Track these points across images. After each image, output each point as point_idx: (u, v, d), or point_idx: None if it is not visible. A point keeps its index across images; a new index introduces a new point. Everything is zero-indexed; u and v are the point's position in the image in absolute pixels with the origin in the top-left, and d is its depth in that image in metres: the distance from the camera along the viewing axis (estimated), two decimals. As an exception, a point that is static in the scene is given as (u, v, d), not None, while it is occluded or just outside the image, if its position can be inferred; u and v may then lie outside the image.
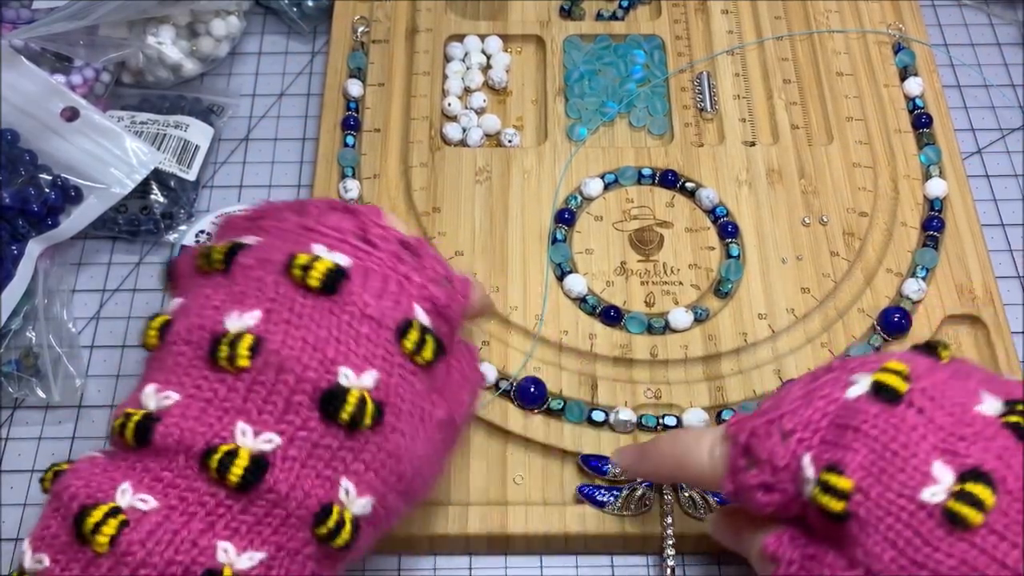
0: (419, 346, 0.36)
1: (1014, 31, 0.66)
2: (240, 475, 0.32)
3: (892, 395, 0.34)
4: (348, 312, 0.35)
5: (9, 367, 0.51)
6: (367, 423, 0.34)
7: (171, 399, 0.34)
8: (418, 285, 0.37)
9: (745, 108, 0.59)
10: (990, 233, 0.57)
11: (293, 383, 0.34)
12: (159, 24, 0.60)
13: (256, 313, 0.35)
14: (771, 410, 0.36)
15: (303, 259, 0.35)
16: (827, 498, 0.33)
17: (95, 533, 0.32)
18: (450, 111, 0.59)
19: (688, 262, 0.53)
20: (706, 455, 0.38)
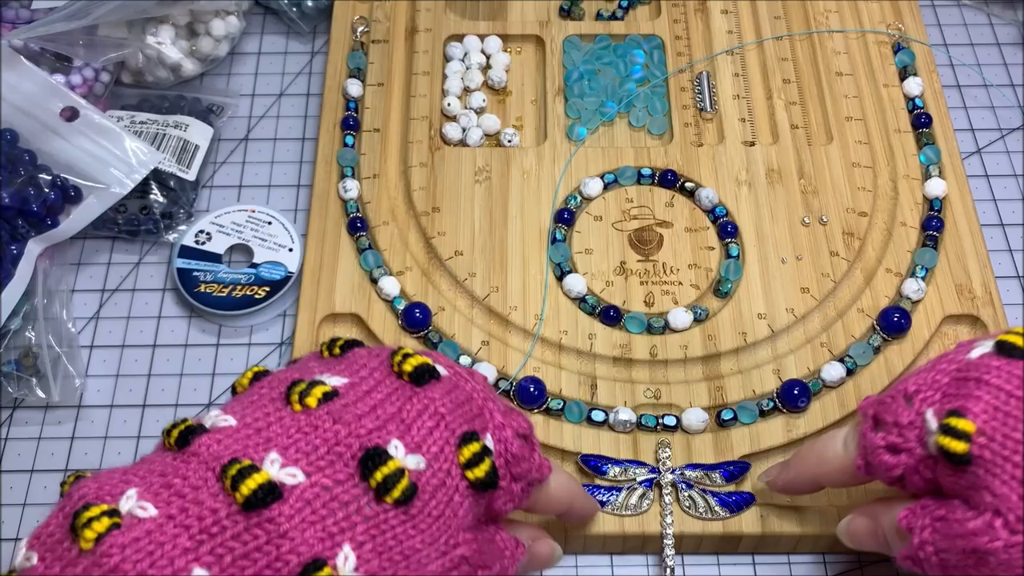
0: (475, 460, 0.36)
1: (1014, 31, 0.66)
2: (250, 491, 0.32)
3: (1016, 351, 0.35)
4: (422, 403, 0.36)
5: (9, 367, 0.51)
6: (395, 495, 0.33)
7: (227, 422, 0.35)
8: (498, 423, 0.37)
9: (745, 108, 0.59)
10: (990, 233, 0.57)
11: (344, 435, 0.34)
12: (159, 24, 0.60)
13: (343, 379, 0.36)
14: (896, 384, 0.38)
15: (408, 350, 0.37)
16: (949, 439, 0.34)
17: (84, 528, 0.31)
18: (450, 111, 0.59)
19: (688, 262, 0.53)
20: (840, 446, 0.40)
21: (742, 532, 0.45)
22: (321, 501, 0.33)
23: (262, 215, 0.57)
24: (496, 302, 0.52)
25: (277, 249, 0.56)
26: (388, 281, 0.52)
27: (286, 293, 0.55)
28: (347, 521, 0.33)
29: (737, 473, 0.47)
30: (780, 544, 0.47)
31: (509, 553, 0.38)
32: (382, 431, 0.34)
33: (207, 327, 0.55)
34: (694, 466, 0.47)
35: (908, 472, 0.37)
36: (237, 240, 0.56)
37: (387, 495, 0.33)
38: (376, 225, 0.55)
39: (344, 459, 0.33)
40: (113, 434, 0.51)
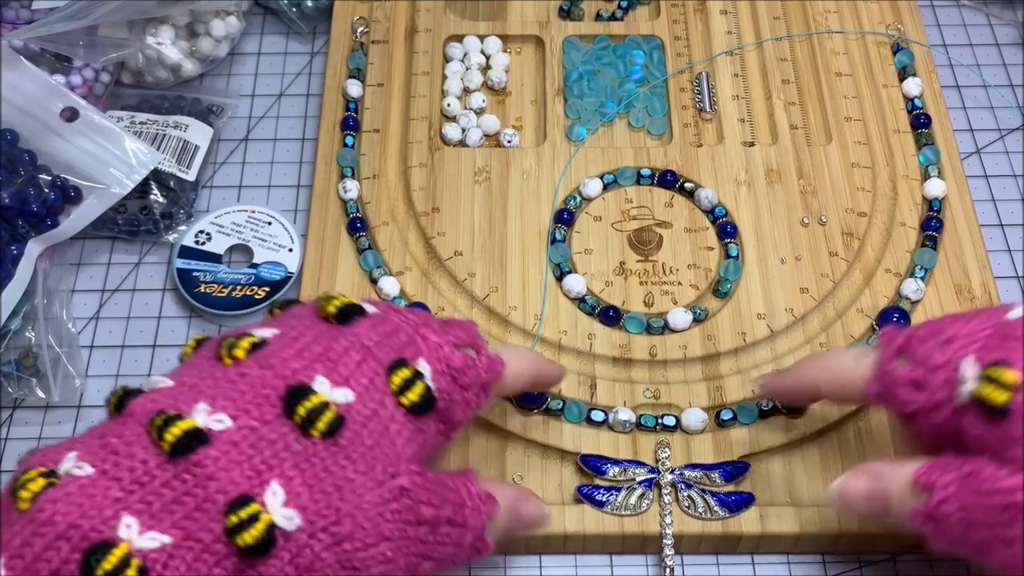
0: (406, 386, 0.36)
1: (1013, 31, 0.66)
2: (174, 438, 0.33)
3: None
4: (348, 339, 0.36)
5: (9, 367, 0.51)
6: (320, 428, 0.34)
7: (164, 383, 0.36)
8: (433, 344, 0.38)
9: (744, 108, 0.59)
10: (989, 233, 0.57)
11: (270, 377, 0.35)
12: (159, 24, 0.60)
13: (274, 331, 0.37)
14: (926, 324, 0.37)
15: (335, 294, 0.39)
16: (991, 388, 0.34)
17: (21, 489, 0.32)
18: (449, 111, 0.59)
19: (687, 262, 0.53)
20: (851, 360, 0.40)
21: (742, 532, 0.45)
22: (248, 442, 0.33)
23: (262, 215, 0.57)
24: (496, 302, 0.52)
25: (277, 249, 0.56)
26: (388, 281, 0.52)
27: (286, 293, 0.55)
28: (275, 458, 0.33)
29: (737, 473, 0.47)
30: (780, 544, 0.47)
31: (472, 504, 0.38)
32: (307, 370, 0.35)
33: (207, 327, 0.55)
34: (693, 466, 0.47)
35: (923, 411, 0.36)
36: (237, 240, 0.56)
37: (312, 428, 0.34)
38: (376, 225, 0.55)
39: (271, 400, 0.34)
40: (113, 434, 0.51)
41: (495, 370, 0.40)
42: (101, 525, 0.31)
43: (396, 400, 0.36)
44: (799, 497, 0.47)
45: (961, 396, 0.35)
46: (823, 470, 0.47)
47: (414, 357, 0.37)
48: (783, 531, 0.46)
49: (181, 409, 0.34)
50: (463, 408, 0.39)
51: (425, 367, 0.37)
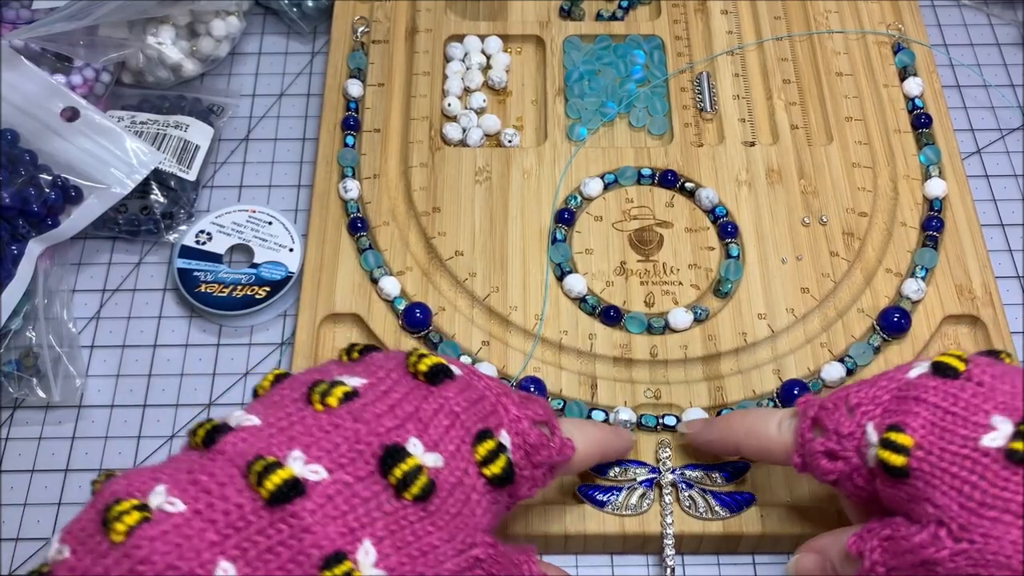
0: (490, 457, 0.36)
1: (1013, 31, 0.66)
2: (274, 487, 0.32)
3: (951, 372, 0.37)
4: (438, 401, 0.37)
5: (9, 367, 0.51)
6: (414, 492, 0.34)
7: (251, 421, 0.35)
8: (513, 417, 0.38)
9: (745, 108, 0.59)
10: (989, 233, 0.57)
11: (364, 433, 0.35)
12: (159, 24, 0.60)
13: (362, 380, 0.37)
14: (837, 392, 0.39)
15: (423, 351, 0.39)
16: (888, 453, 0.35)
17: (116, 521, 0.32)
18: (450, 111, 0.59)
19: (688, 262, 0.53)
20: (774, 428, 0.41)
21: (742, 532, 0.45)
22: (343, 497, 0.33)
23: (262, 215, 0.57)
24: (496, 302, 0.52)
25: (277, 249, 0.56)
26: (388, 281, 0.52)
27: (286, 293, 0.55)
28: (367, 516, 0.33)
29: (737, 473, 0.47)
30: (780, 544, 0.47)
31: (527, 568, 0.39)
32: (400, 429, 0.35)
33: (207, 327, 0.55)
34: (694, 466, 0.47)
35: (842, 478, 0.38)
36: (237, 240, 0.56)
37: (406, 491, 0.34)
38: (376, 225, 0.55)
39: (364, 456, 0.34)
40: (113, 434, 0.51)
41: (566, 454, 0.40)
42: (199, 568, 0.31)
43: (479, 470, 0.36)
44: (799, 497, 0.47)
45: (869, 461, 0.37)
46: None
47: (497, 428, 0.38)
48: (784, 531, 0.46)
49: (276, 455, 0.34)
50: (529, 485, 0.39)
51: (506, 439, 0.38)
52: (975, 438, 0.34)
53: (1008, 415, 0.35)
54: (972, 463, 0.34)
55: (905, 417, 0.36)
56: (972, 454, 0.34)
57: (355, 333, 0.52)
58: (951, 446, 0.35)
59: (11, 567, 0.48)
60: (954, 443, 0.35)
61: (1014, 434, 0.34)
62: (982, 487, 0.34)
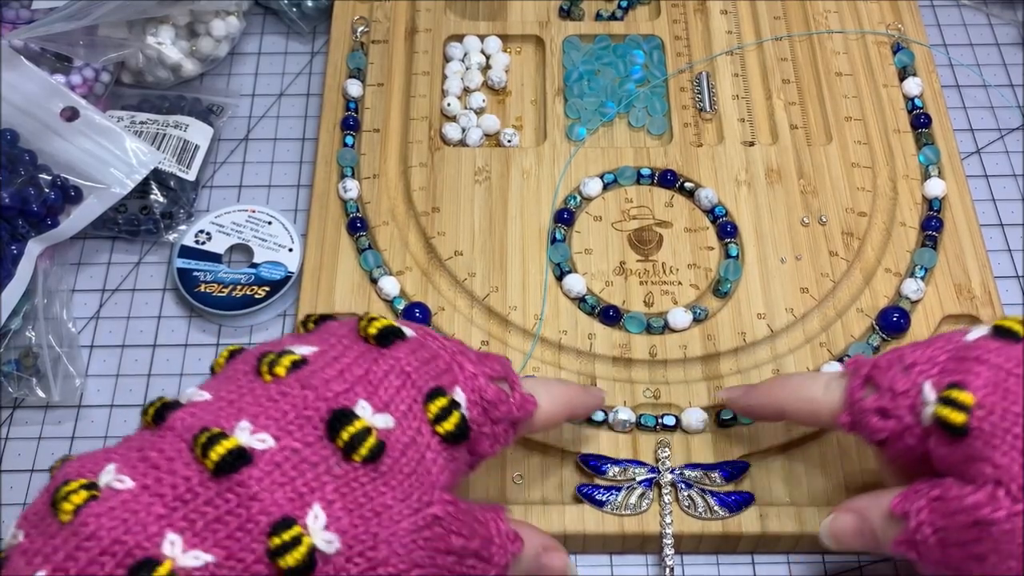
0: (443, 415, 0.36)
1: (1013, 31, 0.66)
2: (220, 456, 0.32)
3: (1013, 335, 0.36)
4: (388, 363, 0.36)
5: (9, 367, 0.51)
6: (363, 453, 0.34)
7: (201, 396, 0.36)
8: (469, 374, 0.38)
9: (744, 108, 0.59)
10: (989, 233, 0.57)
11: (312, 399, 0.35)
12: (159, 24, 0.60)
13: (313, 348, 0.37)
14: (891, 352, 0.38)
15: (374, 315, 0.38)
16: (948, 410, 0.35)
17: (63, 501, 0.32)
18: (449, 111, 0.59)
19: (687, 262, 0.53)
20: (820, 389, 0.40)
21: (741, 532, 0.46)
22: (291, 463, 0.33)
23: (262, 215, 0.57)
24: (496, 302, 0.52)
25: (277, 249, 0.56)
26: (388, 281, 0.52)
27: (286, 293, 0.55)
28: (316, 481, 0.33)
29: (736, 473, 0.47)
30: (780, 544, 0.47)
31: (499, 541, 0.38)
32: (349, 393, 0.35)
33: (207, 327, 0.55)
34: (693, 466, 0.47)
35: (893, 437, 0.38)
36: (237, 240, 0.56)
37: (354, 453, 0.34)
38: (376, 225, 0.55)
39: (313, 422, 0.34)
40: (113, 434, 0.51)
41: (527, 409, 0.40)
42: (145, 542, 0.31)
43: (432, 428, 0.36)
44: (799, 497, 0.47)
45: (925, 420, 0.36)
46: (823, 470, 0.47)
47: (450, 385, 0.37)
48: (783, 531, 0.46)
49: (223, 426, 0.34)
50: (490, 442, 0.39)
51: (461, 396, 0.37)
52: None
53: None
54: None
55: (966, 376, 0.35)
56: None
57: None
58: (1014, 406, 0.34)
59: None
60: (1017, 403, 0.34)
61: None
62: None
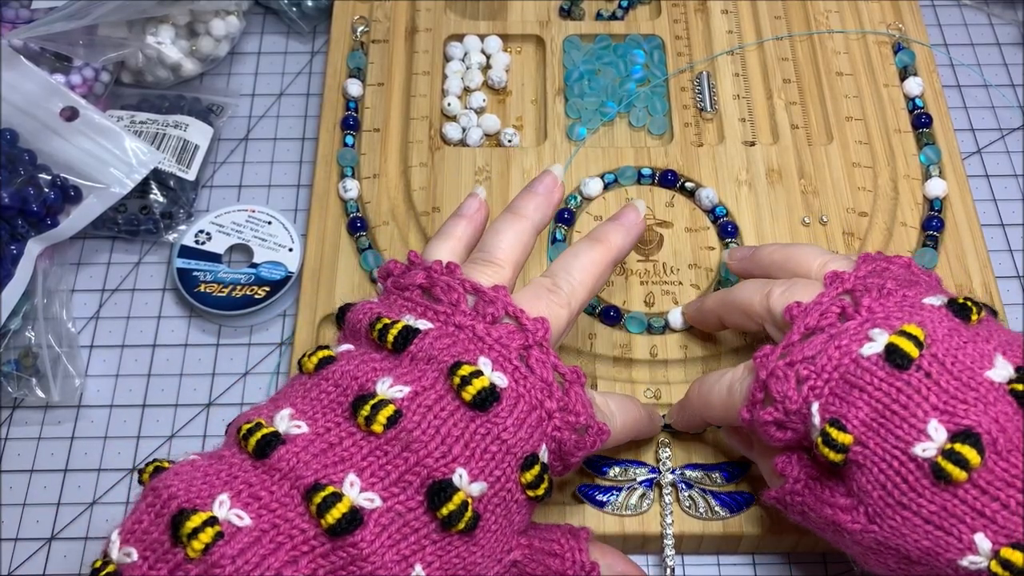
0: (536, 481, 0.38)
1: (1014, 31, 0.66)
2: (336, 519, 0.33)
3: (903, 360, 0.37)
4: (486, 428, 0.37)
5: (8, 367, 0.51)
6: (460, 527, 0.35)
7: (301, 429, 0.36)
8: (555, 426, 0.39)
9: (745, 108, 0.59)
10: (990, 233, 0.57)
11: (413, 463, 0.35)
12: (159, 24, 0.60)
13: (406, 389, 0.37)
14: (792, 352, 0.39)
15: (466, 370, 0.37)
16: (828, 450, 0.37)
17: (191, 538, 0.32)
18: (450, 111, 0.59)
19: (688, 262, 0.53)
20: (726, 390, 0.42)
21: (742, 532, 0.45)
22: (396, 527, 0.35)
23: (262, 215, 0.57)
24: (496, 302, 0.51)
25: (277, 249, 0.56)
26: (388, 281, 0.52)
27: (286, 293, 0.55)
28: (418, 545, 0.35)
29: (737, 473, 0.47)
30: (780, 544, 0.47)
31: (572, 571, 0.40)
32: (447, 457, 0.36)
33: (207, 327, 0.55)
34: (694, 466, 0.47)
35: (790, 443, 0.40)
36: (237, 240, 0.56)
37: (452, 528, 0.35)
38: (376, 225, 0.55)
39: (414, 486, 0.35)
40: (113, 434, 0.51)
41: (599, 443, 0.40)
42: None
43: (524, 492, 0.38)
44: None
45: (812, 436, 0.38)
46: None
47: (539, 444, 0.38)
48: (783, 531, 0.45)
49: (332, 479, 0.34)
50: (559, 473, 0.41)
51: (545, 454, 0.38)
52: (909, 443, 0.35)
53: (945, 421, 0.35)
54: (900, 465, 0.36)
55: (848, 410, 0.37)
56: (902, 457, 0.36)
57: (355, 333, 0.52)
58: (885, 444, 0.36)
59: (11, 567, 0.48)
60: (888, 443, 0.36)
61: (944, 450, 0.35)
62: (903, 489, 0.35)
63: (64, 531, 0.49)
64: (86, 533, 0.49)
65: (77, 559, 0.48)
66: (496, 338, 0.39)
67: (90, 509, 0.49)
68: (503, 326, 0.39)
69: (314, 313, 0.52)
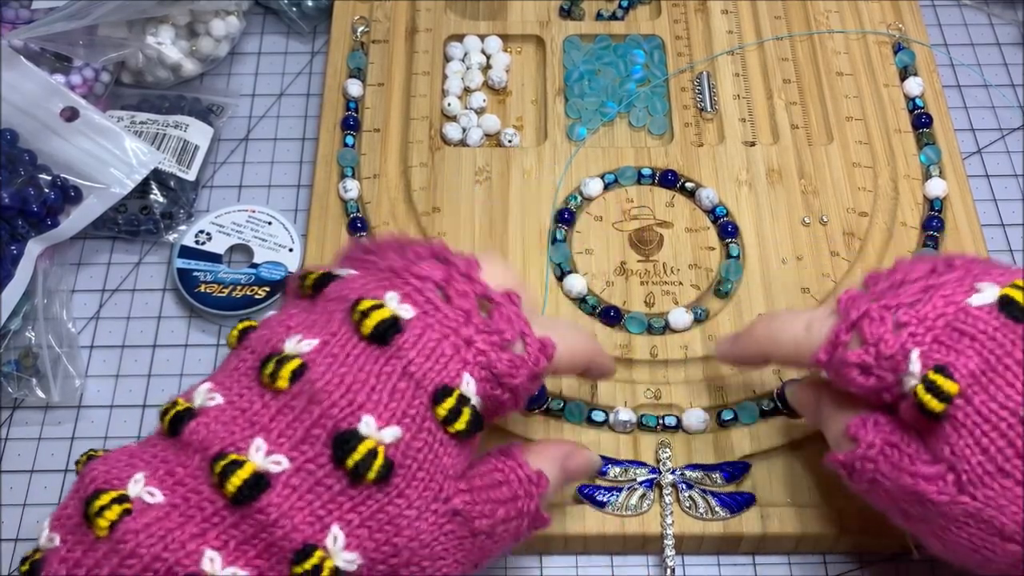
0: (453, 415, 0.35)
1: (1014, 31, 0.66)
2: (237, 486, 0.33)
3: (1018, 312, 0.34)
4: (391, 365, 0.35)
5: (9, 367, 0.51)
6: (371, 477, 0.34)
7: (215, 400, 0.35)
8: (477, 350, 0.36)
9: (745, 108, 0.59)
10: (990, 233, 0.57)
11: (317, 416, 0.34)
12: (159, 24, 0.60)
13: (314, 342, 0.36)
14: (887, 294, 0.36)
15: (365, 304, 0.36)
16: (930, 397, 0.34)
17: (98, 516, 0.33)
18: (450, 111, 0.59)
19: (688, 262, 0.53)
20: (802, 328, 0.39)
21: (742, 532, 0.45)
22: (306, 486, 0.33)
23: (262, 215, 0.57)
24: (496, 302, 0.51)
25: (277, 249, 0.56)
26: (388, 281, 0.52)
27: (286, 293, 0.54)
28: (333, 503, 0.34)
29: (737, 473, 0.47)
30: (780, 544, 0.47)
31: (524, 492, 0.38)
32: (353, 405, 0.34)
33: (207, 327, 0.55)
34: (694, 466, 0.47)
35: (869, 392, 0.37)
36: (237, 240, 0.56)
37: (362, 479, 0.34)
38: (376, 225, 0.55)
39: (322, 440, 0.34)
40: (113, 434, 0.51)
41: (546, 357, 0.38)
42: (185, 559, 0.32)
43: (443, 429, 0.35)
44: (800, 497, 0.47)
45: (906, 388, 0.35)
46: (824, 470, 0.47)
47: (458, 374, 0.36)
48: (784, 531, 0.45)
49: (238, 445, 0.34)
50: (512, 402, 0.38)
51: (470, 383, 0.36)
52: (1019, 401, 0.33)
53: None
54: (1008, 427, 0.33)
55: (956, 358, 0.34)
56: (1010, 418, 0.33)
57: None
58: (992, 404, 0.33)
59: (11, 567, 0.48)
60: (996, 400, 0.33)
61: None
62: (1007, 454, 0.33)
63: (64, 531, 0.49)
64: (86, 533, 0.49)
65: (77, 559, 0.48)
66: (414, 272, 0.37)
67: (90, 509, 0.49)
68: (428, 260, 0.37)
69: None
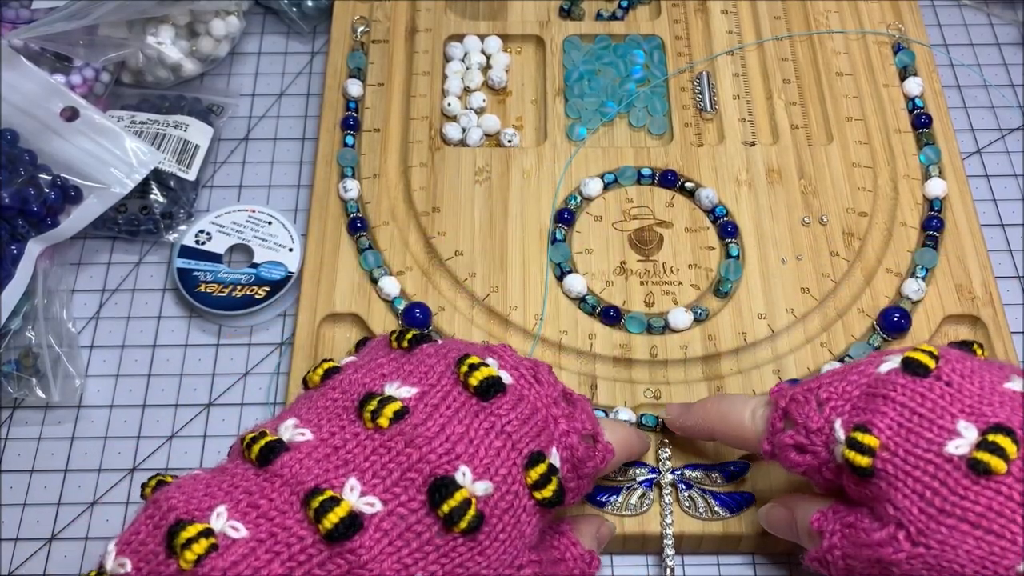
0: (542, 482, 0.37)
1: (1014, 31, 0.66)
2: (334, 524, 0.33)
3: (921, 369, 0.37)
4: (490, 421, 0.36)
5: (9, 367, 0.51)
6: (462, 526, 0.34)
7: (305, 436, 0.36)
8: (563, 431, 0.38)
9: (745, 108, 0.59)
10: (990, 233, 0.57)
11: (415, 459, 0.35)
12: (159, 24, 0.60)
13: (413, 390, 0.37)
14: (810, 382, 0.39)
15: (473, 360, 0.38)
16: (854, 454, 0.36)
17: (184, 549, 0.32)
18: (450, 111, 0.59)
19: (688, 262, 0.53)
20: (748, 416, 0.41)
21: (742, 532, 0.45)
22: (397, 531, 0.34)
23: (262, 215, 0.57)
24: (496, 302, 0.52)
25: (277, 249, 0.56)
26: (388, 281, 0.52)
27: (286, 293, 0.55)
28: (420, 551, 0.34)
29: (737, 473, 0.47)
30: (780, 544, 0.47)
31: (579, 571, 0.40)
32: (451, 455, 0.35)
33: (207, 327, 0.55)
34: (694, 466, 0.47)
35: (811, 471, 0.39)
36: (237, 240, 0.56)
37: (454, 526, 0.34)
38: (376, 225, 0.55)
39: (416, 485, 0.35)
40: (113, 434, 0.51)
41: (607, 460, 0.40)
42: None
43: (530, 493, 0.37)
44: (800, 497, 0.47)
45: (837, 457, 0.37)
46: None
47: (547, 446, 0.38)
48: (784, 531, 0.46)
49: (332, 483, 0.34)
50: (574, 495, 0.40)
51: (556, 458, 0.38)
52: (940, 443, 0.34)
53: (974, 420, 0.35)
54: (935, 468, 0.34)
55: (872, 416, 0.36)
56: (936, 459, 0.34)
57: (355, 333, 0.52)
58: (916, 449, 0.35)
59: (11, 567, 0.48)
60: (919, 446, 0.35)
61: (978, 443, 0.34)
62: (943, 494, 0.34)
63: (64, 531, 0.49)
64: (86, 533, 0.49)
65: (77, 559, 0.48)
66: (507, 352, 0.39)
67: (90, 509, 0.49)
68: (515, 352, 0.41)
69: (314, 313, 0.52)
